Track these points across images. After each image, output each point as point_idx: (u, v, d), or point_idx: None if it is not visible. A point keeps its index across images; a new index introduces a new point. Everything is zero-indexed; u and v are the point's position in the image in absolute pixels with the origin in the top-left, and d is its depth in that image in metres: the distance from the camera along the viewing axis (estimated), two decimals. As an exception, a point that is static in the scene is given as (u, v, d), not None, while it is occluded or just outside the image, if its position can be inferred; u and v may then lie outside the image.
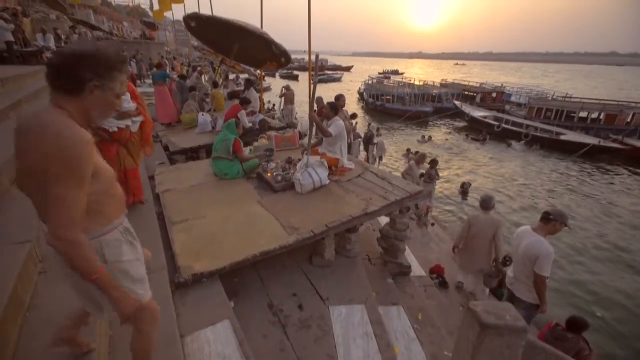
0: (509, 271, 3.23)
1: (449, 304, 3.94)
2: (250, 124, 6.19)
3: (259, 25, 6.82)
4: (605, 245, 7.27)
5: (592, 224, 8.28)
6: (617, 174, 12.45)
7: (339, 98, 5.16)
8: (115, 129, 2.68)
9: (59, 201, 0.96)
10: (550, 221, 2.81)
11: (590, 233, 7.81)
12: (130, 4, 33.20)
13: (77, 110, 1.04)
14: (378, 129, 14.13)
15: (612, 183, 11.53)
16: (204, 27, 6.10)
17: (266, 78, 22.75)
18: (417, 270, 4.23)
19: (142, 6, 36.71)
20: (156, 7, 16.81)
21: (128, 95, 2.72)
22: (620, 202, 9.81)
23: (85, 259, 1.01)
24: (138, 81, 13.68)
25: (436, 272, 4.42)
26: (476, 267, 4.22)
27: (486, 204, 4.03)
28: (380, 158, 10.63)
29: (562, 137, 14.98)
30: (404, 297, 3.38)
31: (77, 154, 0.97)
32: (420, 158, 6.95)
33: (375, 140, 10.03)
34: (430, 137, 16.00)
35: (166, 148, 5.75)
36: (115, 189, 1.20)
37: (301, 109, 15.78)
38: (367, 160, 9.75)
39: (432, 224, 6.81)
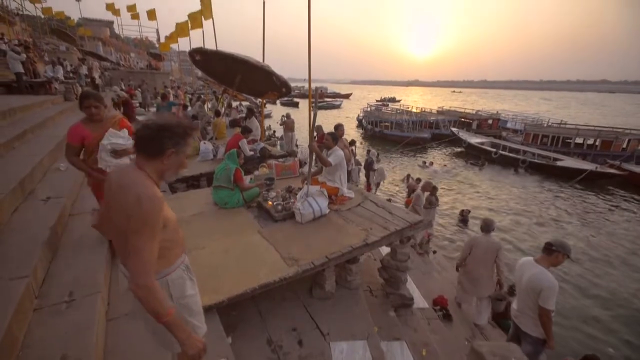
0: (514, 303, 3.16)
1: (454, 338, 3.81)
2: (252, 152, 6.27)
3: (260, 58, 7.10)
4: (614, 274, 7.13)
5: (596, 252, 8.16)
6: (617, 200, 12.44)
7: (338, 128, 5.29)
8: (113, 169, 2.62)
9: (138, 252, 1.14)
10: (553, 252, 2.78)
11: (596, 260, 7.69)
12: (139, 36, 34.65)
13: (155, 171, 1.25)
14: (378, 154, 14.29)
15: (613, 208, 11.50)
16: (208, 60, 6.35)
17: (267, 105, 23.34)
18: (420, 301, 4.13)
19: (150, 38, 38.28)
20: (163, 39, 17.54)
21: (125, 132, 2.63)
22: (623, 227, 9.74)
23: (158, 303, 1.16)
24: (143, 109, 13.99)
25: (440, 304, 4.31)
26: (476, 291, 4.34)
27: (487, 227, 4.22)
28: (378, 185, 10.65)
29: (560, 164, 15.12)
30: (406, 332, 3.28)
31: (153, 211, 1.16)
32: (426, 185, 6.98)
33: (375, 167, 10.12)
34: (432, 163, 16.14)
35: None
36: (179, 233, 1.38)
37: (301, 135, 16.05)
38: (368, 186, 9.79)
39: (434, 252, 6.73)
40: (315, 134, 5.61)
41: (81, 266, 2.36)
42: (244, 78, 6.61)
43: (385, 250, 4.36)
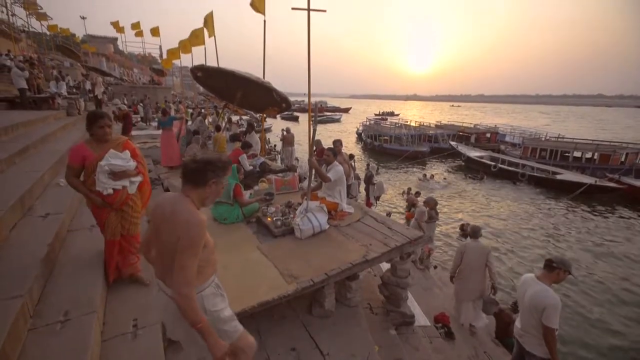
0: (517, 321, 3.10)
1: (457, 357, 3.73)
2: (251, 167, 6.29)
3: (261, 74, 7.22)
4: (621, 292, 7.03)
5: (598, 268, 8.08)
6: (617, 213, 12.40)
7: (336, 143, 5.36)
8: (111, 191, 2.37)
9: (184, 268, 1.37)
10: (554, 269, 2.75)
11: (598, 276, 7.60)
12: (142, 52, 35.33)
13: (198, 197, 1.51)
14: (377, 168, 14.33)
15: (613, 222, 11.44)
16: (210, 76, 6.45)
17: (267, 119, 23.56)
18: (421, 319, 4.06)
19: (153, 54, 39.01)
20: (165, 55, 17.86)
21: (127, 154, 2.46)
22: (626, 241, 9.67)
23: (194, 311, 1.39)
24: (144, 124, 14.10)
25: (441, 322, 4.24)
26: (474, 295, 4.44)
27: (475, 233, 4.47)
28: (378, 198, 10.63)
29: (559, 177, 15.16)
30: (408, 351, 3.21)
31: (198, 234, 1.40)
32: (429, 201, 6.97)
33: (374, 180, 10.12)
34: (432, 176, 16.18)
35: (167, 191, 5.80)
36: (213, 254, 1.59)
37: (301, 149, 16.13)
38: (368, 200, 9.76)
39: (435, 267, 6.67)
40: (314, 148, 5.66)
41: (78, 284, 2.33)
42: (245, 94, 6.69)
43: (385, 266, 4.32)
